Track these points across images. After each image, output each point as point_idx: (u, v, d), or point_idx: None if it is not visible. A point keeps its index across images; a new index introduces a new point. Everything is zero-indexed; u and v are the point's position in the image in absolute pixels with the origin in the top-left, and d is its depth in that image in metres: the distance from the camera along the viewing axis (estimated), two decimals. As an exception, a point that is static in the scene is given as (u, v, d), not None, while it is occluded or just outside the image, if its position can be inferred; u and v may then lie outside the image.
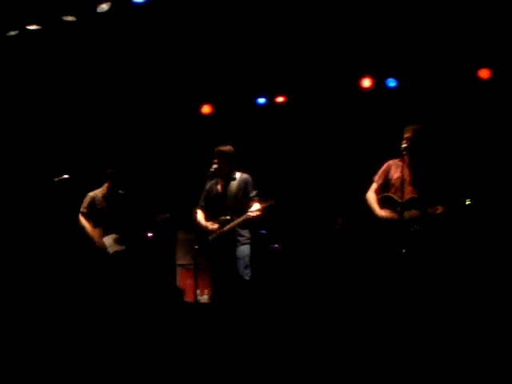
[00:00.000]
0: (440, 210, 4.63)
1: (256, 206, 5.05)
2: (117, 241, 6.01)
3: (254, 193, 5.22)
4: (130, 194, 6.26)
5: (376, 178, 5.10)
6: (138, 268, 6.26)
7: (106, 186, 6.11)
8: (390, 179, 4.99)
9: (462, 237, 5.53)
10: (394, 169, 4.98)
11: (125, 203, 6.15)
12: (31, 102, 7.35)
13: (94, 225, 6.05)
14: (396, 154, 4.93)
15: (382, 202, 4.99)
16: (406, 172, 4.87)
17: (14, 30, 6.41)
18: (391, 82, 6.73)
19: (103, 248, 5.96)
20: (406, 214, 4.75)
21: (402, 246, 4.66)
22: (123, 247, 6.00)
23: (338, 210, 6.76)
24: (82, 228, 6.05)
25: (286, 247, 6.75)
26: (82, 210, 6.08)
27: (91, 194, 6.12)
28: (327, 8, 6.07)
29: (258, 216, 5.04)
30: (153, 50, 6.81)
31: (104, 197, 6.09)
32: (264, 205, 5.03)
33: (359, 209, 5.30)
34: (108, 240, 6.01)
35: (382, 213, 4.90)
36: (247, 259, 5.14)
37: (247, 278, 5.09)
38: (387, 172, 5.03)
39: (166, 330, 4.31)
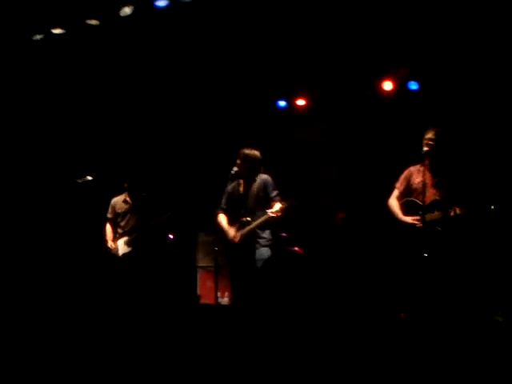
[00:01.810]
0: (461, 211, 4.63)
1: (277, 207, 5.02)
2: (126, 243, 6.20)
3: (274, 193, 5.17)
4: (153, 196, 6.41)
5: (398, 184, 5.11)
6: (146, 269, 6.31)
7: (126, 191, 6.32)
8: (412, 184, 5.00)
9: (484, 238, 5.49)
10: (416, 174, 4.99)
11: (146, 206, 6.29)
12: (56, 105, 7.46)
13: (115, 229, 6.27)
14: (416, 157, 4.94)
15: (405, 207, 5.00)
16: (428, 175, 4.86)
17: (39, 33, 6.52)
18: (413, 85, 6.70)
19: (115, 251, 6.17)
20: (428, 216, 4.75)
21: (424, 250, 4.65)
22: (131, 249, 6.19)
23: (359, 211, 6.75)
24: (104, 232, 6.30)
25: (307, 249, 6.74)
26: (107, 215, 6.34)
27: (114, 199, 6.34)
28: (349, 11, 6.05)
29: (278, 217, 5.01)
30: (175, 54, 6.86)
31: (125, 201, 6.30)
32: (285, 205, 5.00)
33: (381, 211, 5.29)
34: (120, 242, 6.21)
35: (404, 218, 4.91)
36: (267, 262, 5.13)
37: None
38: (408, 178, 5.04)
39: (184, 332, 4.33)
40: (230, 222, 5.29)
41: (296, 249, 6.69)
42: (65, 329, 4.32)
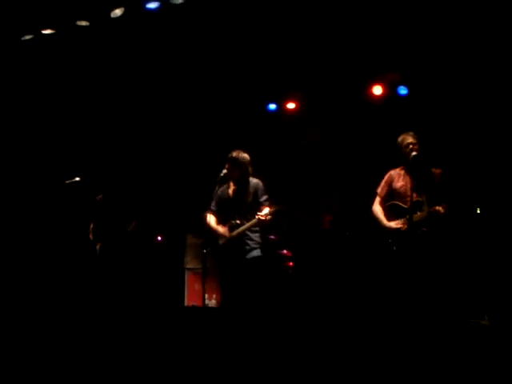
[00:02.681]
0: (444, 208, 4.69)
1: (266, 210, 5.05)
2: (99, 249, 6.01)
3: (264, 197, 5.20)
4: (111, 202, 6.17)
5: (379, 190, 5.15)
6: (121, 275, 6.07)
7: None
8: (394, 188, 5.03)
9: (470, 238, 5.55)
10: (397, 178, 5.04)
11: (104, 209, 6.09)
12: (45, 106, 7.43)
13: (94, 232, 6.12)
14: (401, 162, 5.00)
15: (389, 211, 5.03)
16: (408, 179, 4.91)
17: (29, 34, 6.49)
18: (402, 90, 6.74)
19: None
20: (413, 217, 4.79)
21: (410, 252, 4.69)
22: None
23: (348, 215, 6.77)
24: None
25: (295, 252, 6.75)
26: None
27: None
28: (339, 16, 6.09)
29: (267, 220, 5.04)
30: (165, 56, 6.86)
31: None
32: (273, 209, 5.03)
33: (368, 215, 5.32)
34: (98, 247, 6.03)
35: (389, 224, 4.94)
36: (257, 264, 5.15)
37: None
38: (390, 182, 5.08)
39: (171, 335, 4.32)
40: (219, 224, 5.30)
41: (284, 251, 6.71)
42: (47, 329, 4.30)
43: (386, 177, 5.13)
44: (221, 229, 5.20)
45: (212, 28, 6.36)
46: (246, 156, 5.21)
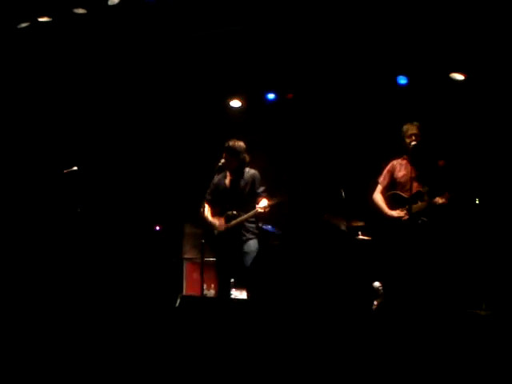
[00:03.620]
0: (445, 199, 4.70)
1: (264, 202, 5.04)
2: None
3: (261, 188, 5.22)
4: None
5: (381, 179, 5.18)
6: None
7: None
8: (396, 178, 5.08)
9: (469, 228, 5.57)
10: (399, 168, 5.09)
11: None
12: (42, 94, 7.39)
13: None
14: (400, 152, 5.01)
15: (390, 200, 5.06)
16: (411, 169, 4.92)
17: (25, 21, 6.45)
18: (402, 80, 6.71)
19: None
20: (413, 208, 4.81)
21: (410, 242, 4.71)
22: None
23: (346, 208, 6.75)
24: None
25: (292, 243, 6.74)
26: None
27: None
28: (337, 5, 6.05)
29: (266, 212, 5.05)
30: (163, 44, 6.82)
31: None
32: (273, 201, 5.03)
33: (366, 206, 5.33)
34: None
35: (391, 212, 4.97)
36: (254, 254, 5.15)
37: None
38: (392, 172, 5.12)
39: (169, 324, 4.33)
40: (214, 214, 5.30)
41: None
42: (42, 318, 4.30)
43: (389, 166, 5.17)
44: (216, 221, 5.20)
45: (211, 15, 6.32)
46: (241, 144, 5.22)
